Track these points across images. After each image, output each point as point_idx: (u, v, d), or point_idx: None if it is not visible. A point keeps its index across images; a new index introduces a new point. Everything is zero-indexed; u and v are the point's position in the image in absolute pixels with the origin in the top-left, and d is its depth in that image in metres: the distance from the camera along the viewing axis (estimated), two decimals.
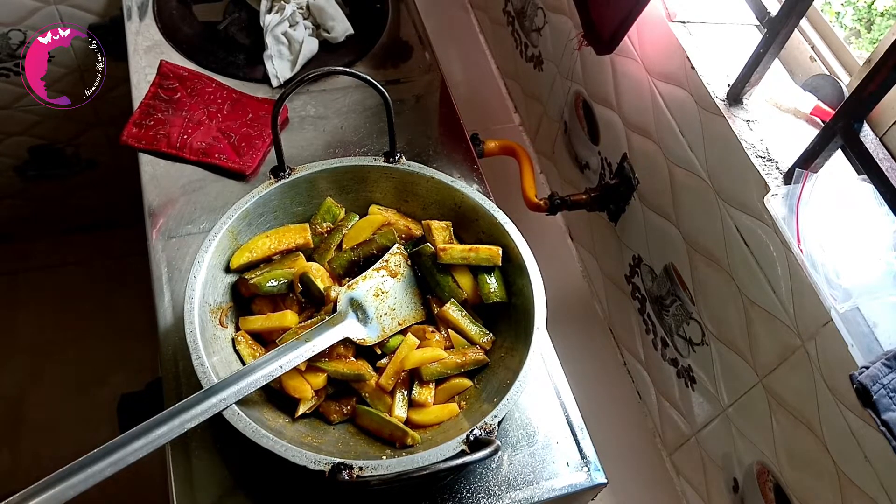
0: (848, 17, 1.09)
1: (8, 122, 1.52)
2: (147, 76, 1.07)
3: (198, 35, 1.15)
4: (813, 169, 0.80)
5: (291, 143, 1.02)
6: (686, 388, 1.03)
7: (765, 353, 0.86)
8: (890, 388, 0.66)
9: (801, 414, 0.81)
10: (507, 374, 0.76)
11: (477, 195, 0.86)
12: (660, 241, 1.05)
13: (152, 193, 0.96)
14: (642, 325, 1.14)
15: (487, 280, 0.83)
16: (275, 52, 1.10)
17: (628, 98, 1.09)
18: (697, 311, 0.98)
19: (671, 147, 0.99)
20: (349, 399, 0.78)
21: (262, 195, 0.83)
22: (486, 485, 0.76)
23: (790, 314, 0.80)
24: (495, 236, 0.85)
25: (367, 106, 1.09)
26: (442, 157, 1.04)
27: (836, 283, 0.73)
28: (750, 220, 0.85)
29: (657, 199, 1.05)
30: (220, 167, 0.99)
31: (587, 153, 1.24)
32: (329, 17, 1.15)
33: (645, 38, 1.02)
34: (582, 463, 0.79)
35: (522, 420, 0.82)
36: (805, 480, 0.82)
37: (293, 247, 0.84)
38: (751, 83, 0.87)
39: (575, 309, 1.33)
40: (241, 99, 1.07)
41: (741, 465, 0.93)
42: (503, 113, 1.54)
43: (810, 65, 0.94)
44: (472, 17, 1.66)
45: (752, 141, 0.85)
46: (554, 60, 1.31)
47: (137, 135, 1.00)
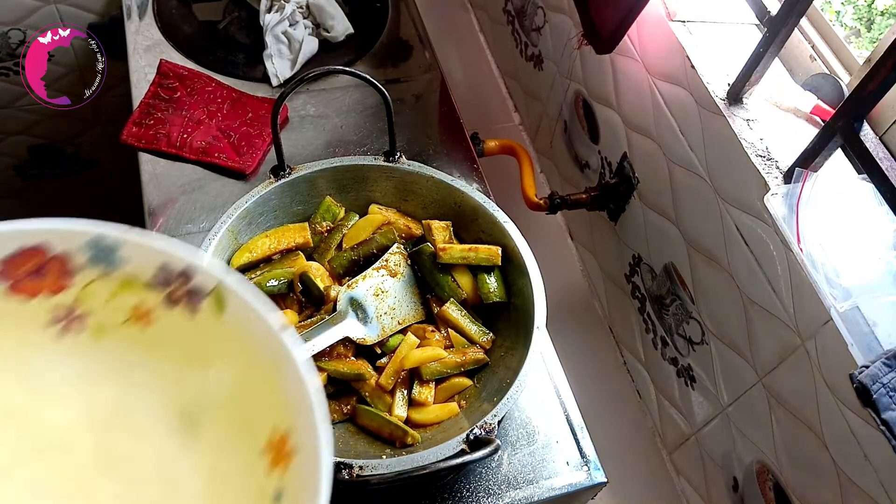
0: (848, 16, 1.09)
1: (8, 121, 1.52)
2: (147, 75, 1.07)
3: (198, 34, 1.15)
4: (813, 168, 0.80)
5: (291, 143, 1.02)
6: (686, 387, 1.03)
7: (765, 353, 0.86)
8: (890, 388, 0.66)
9: (801, 413, 0.81)
10: (506, 374, 0.76)
11: (477, 194, 0.86)
12: (660, 241, 1.05)
13: (152, 193, 0.96)
14: (642, 325, 1.14)
15: (487, 280, 0.83)
16: (274, 52, 1.10)
17: (628, 97, 1.09)
18: (697, 310, 0.98)
19: (671, 146, 0.99)
20: (349, 398, 0.78)
21: (261, 194, 0.83)
22: (486, 484, 0.76)
23: (790, 313, 0.80)
24: (495, 236, 0.85)
25: (367, 105, 1.09)
26: (442, 157, 1.04)
27: (836, 282, 0.73)
28: (750, 220, 0.85)
29: (657, 198, 1.05)
30: (220, 166, 0.98)
31: (587, 152, 1.24)
32: (329, 17, 1.15)
33: (645, 38, 1.02)
34: (582, 462, 0.79)
35: (522, 419, 0.82)
36: (805, 480, 0.82)
37: (293, 246, 0.84)
38: (751, 82, 0.87)
39: (575, 308, 1.33)
40: (241, 98, 1.07)
41: (741, 464, 0.93)
42: (503, 112, 1.54)
43: (810, 64, 0.94)
44: (472, 17, 1.66)
45: (752, 140, 0.85)
46: (554, 59, 1.31)
47: (137, 134, 1.00)
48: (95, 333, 0.52)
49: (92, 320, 0.52)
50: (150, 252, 0.51)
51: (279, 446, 0.46)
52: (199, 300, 0.50)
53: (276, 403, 0.47)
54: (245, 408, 0.50)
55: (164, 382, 0.52)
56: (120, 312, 0.52)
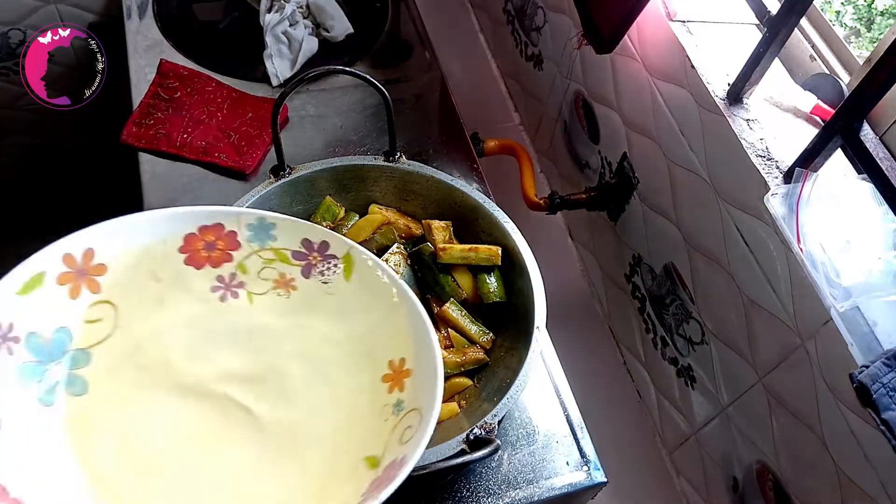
0: (848, 16, 1.10)
1: (8, 121, 1.52)
2: (147, 75, 1.07)
3: (198, 34, 1.15)
4: (813, 168, 0.80)
5: (291, 143, 1.01)
6: (686, 387, 1.03)
7: (764, 353, 0.86)
8: (890, 387, 0.66)
9: (801, 413, 0.81)
10: (506, 374, 0.76)
11: (477, 194, 0.86)
12: (660, 241, 1.05)
13: (152, 193, 0.96)
14: (642, 325, 1.14)
15: (487, 280, 0.83)
16: (274, 52, 1.10)
17: (628, 97, 1.09)
18: (697, 310, 0.98)
19: (671, 146, 0.99)
20: None
21: (262, 194, 0.83)
22: (486, 484, 0.76)
23: (790, 313, 0.80)
24: (495, 236, 0.85)
25: (367, 105, 1.09)
26: (442, 157, 1.04)
27: (835, 282, 0.73)
28: (750, 220, 0.85)
29: (657, 198, 1.05)
30: (221, 166, 0.98)
31: (587, 152, 1.24)
32: (329, 17, 1.15)
33: (645, 37, 1.02)
34: (582, 462, 0.79)
35: (522, 419, 0.82)
36: (805, 479, 0.82)
37: None
38: (751, 82, 0.87)
39: (575, 308, 1.33)
40: (241, 98, 1.07)
41: (741, 464, 0.93)
42: (503, 112, 1.54)
43: (810, 64, 0.94)
44: (472, 17, 1.66)
45: (752, 140, 0.85)
46: (554, 59, 1.31)
47: (137, 134, 1.00)
48: (249, 297, 0.67)
49: (247, 288, 0.67)
50: (297, 228, 0.67)
51: (398, 371, 0.60)
52: (335, 265, 0.66)
53: (394, 338, 0.61)
54: (367, 346, 0.64)
55: (305, 332, 0.66)
56: (269, 282, 0.67)
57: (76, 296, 0.59)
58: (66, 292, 0.59)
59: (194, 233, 0.65)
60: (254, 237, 0.67)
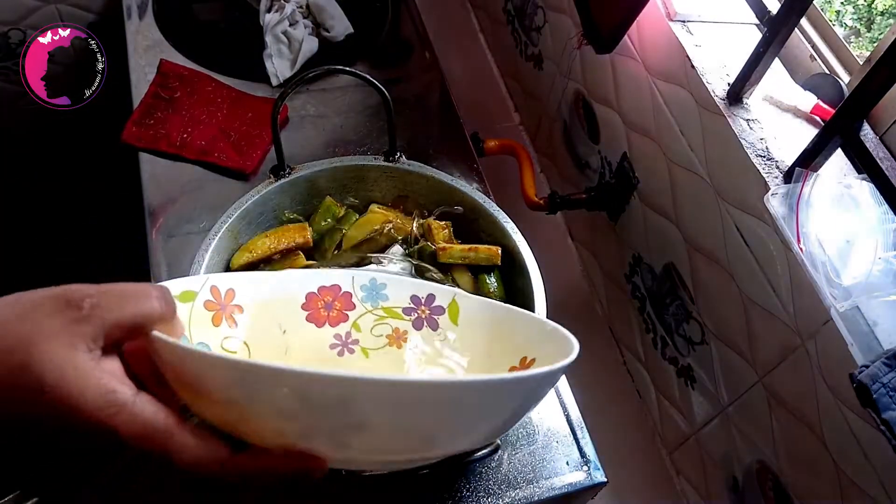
0: (848, 15, 1.10)
1: (8, 121, 1.52)
2: (147, 75, 1.07)
3: (198, 34, 1.15)
4: (813, 168, 0.80)
5: (291, 142, 1.01)
6: (686, 387, 1.03)
7: (764, 352, 0.86)
8: (890, 387, 0.66)
9: (801, 413, 0.81)
10: None
11: (477, 194, 0.86)
12: (660, 241, 1.05)
13: (152, 193, 0.96)
14: (642, 325, 1.14)
15: (487, 280, 0.83)
16: (274, 51, 1.10)
17: (628, 97, 1.09)
18: (697, 310, 0.98)
19: (671, 146, 0.99)
20: None
21: (262, 194, 0.83)
22: (485, 483, 0.76)
23: (790, 313, 0.80)
24: (495, 236, 0.85)
25: (366, 105, 1.09)
26: (442, 157, 1.04)
27: (835, 282, 0.73)
28: (750, 220, 0.85)
29: (657, 198, 1.05)
30: (220, 166, 0.98)
31: (587, 152, 1.24)
32: (329, 16, 1.15)
33: (645, 37, 1.02)
34: (582, 462, 0.79)
35: (522, 419, 0.82)
36: (805, 479, 0.82)
37: (293, 246, 0.84)
38: (751, 82, 0.87)
39: (575, 308, 1.33)
40: (241, 98, 1.07)
41: (741, 464, 0.93)
42: (503, 112, 1.54)
43: (810, 64, 0.94)
44: (471, 16, 1.66)
45: (752, 140, 0.85)
46: (554, 59, 1.31)
47: (137, 134, 1.00)
48: (364, 352, 0.69)
49: (360, 344, 0.69)
50: (406, 286, 0.71)
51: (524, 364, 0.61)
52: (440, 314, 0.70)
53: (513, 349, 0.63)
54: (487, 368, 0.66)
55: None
56: (382, 338, 0.70)
57: (218, 324, 0.61)
58: (210, 318, 0.60)
59: (314, 291, 0.69)
60: (367, 297, 0.70)
